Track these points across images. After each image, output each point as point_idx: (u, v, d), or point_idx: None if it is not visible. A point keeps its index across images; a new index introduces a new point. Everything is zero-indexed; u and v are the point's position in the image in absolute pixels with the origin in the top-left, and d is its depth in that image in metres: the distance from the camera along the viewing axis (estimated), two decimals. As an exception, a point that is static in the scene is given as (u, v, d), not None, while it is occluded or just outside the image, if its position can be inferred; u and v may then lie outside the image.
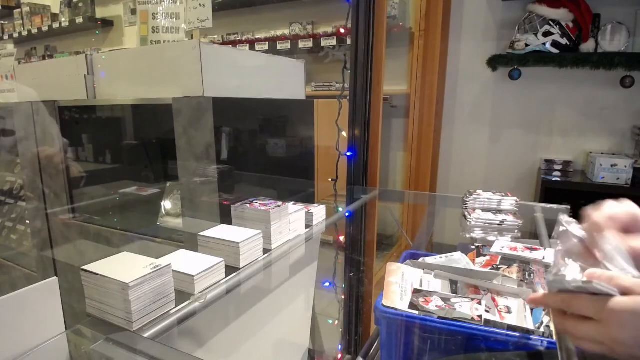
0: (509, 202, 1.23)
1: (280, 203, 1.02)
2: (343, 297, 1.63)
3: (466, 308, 0.77)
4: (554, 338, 0.63)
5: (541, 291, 0.85)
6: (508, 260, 0.93)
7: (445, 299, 0.80)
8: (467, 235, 1.14)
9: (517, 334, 0.70)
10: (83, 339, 0.65)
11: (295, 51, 3.05)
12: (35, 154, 1.49)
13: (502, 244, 0.98)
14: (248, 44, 3.26)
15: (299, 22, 3.22)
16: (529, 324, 0.76)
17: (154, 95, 1.20)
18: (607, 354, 0.45)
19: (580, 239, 0.53)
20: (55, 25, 4.39)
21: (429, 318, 0.75)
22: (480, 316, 0.74)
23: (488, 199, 1.24)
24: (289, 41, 3.05)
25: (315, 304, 1.46)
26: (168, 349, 0.62)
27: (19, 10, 4.66)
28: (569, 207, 1.30)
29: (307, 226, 1.13)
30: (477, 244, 1.04)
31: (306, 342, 1.43)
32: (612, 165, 2.19)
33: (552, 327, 0.72)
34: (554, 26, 2.32)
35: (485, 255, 0.98)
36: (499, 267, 0.92)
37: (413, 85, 2.69)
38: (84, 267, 0.68)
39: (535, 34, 2.36)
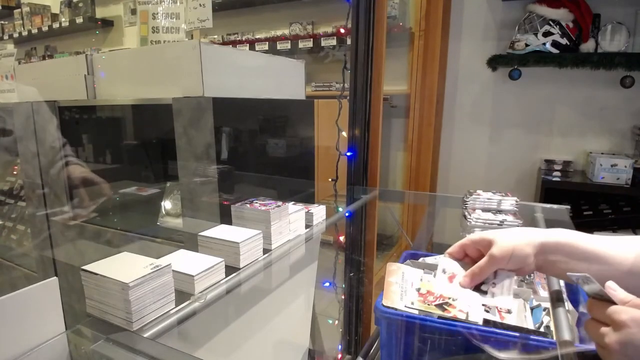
0: (509, 202, 1.23)
1: (280, 203, 1.02)
2: (343, 297, 1.63)
3: (466, 308, 0.76)
4: (554, 338, 0.63)
5: (541, 291, 0.85)
6: (508, 260, 0.93)
7: (445, 299, 0.80)
8: (467, 235, 1.14)
9: (517, 334, 0.70)
10: (83, 339, 0.65)
11: (295, 51, 3.05)
12: (35, 154, 1.49)
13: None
14: (248, 44, 3.26)
15: (299, 22, 3.22)
16: (529, 324, 0.75)
17: (154, 95, 1.20)
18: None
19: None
20: (55, 25, 4.39)
21: (429, 318, 0.75)
22: (480, 316, 0.74)
23: (488, 199, 1.24)
24: (289, 41, 3.05)
25: (315, 304, 1.46)
26: (168, 349, 0.62)
27: (19, 10, 4.66)
28: (569, 207, 1.30)
29: (307, 226, 1.13)
30: (477, 244, 1.04)
31: (306, 342, 1.43)
32: (612, 165, 2.19)
33: (552, 327, 0.72)
34: (554, 26, 2.32)
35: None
36: (499, 267, 0.92)
37: (413, 85, 2.69)
38: (84, 267, 0.68)
39: (535, 34, 2.36)
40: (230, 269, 0.85)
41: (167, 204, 1.42)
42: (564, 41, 2.32)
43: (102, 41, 4.48)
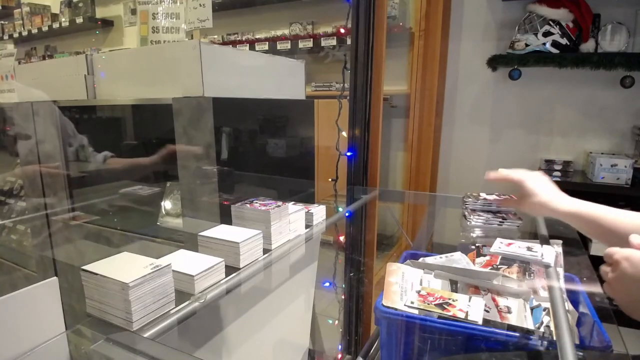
0: (509, 202, 1.22)
1: (280, 203, 1.02)
2: (343, 297, 1.63)
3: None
4: (554, 338, 0.63)
5: (541, 291, 0.85)
6: (508, 260, 0.93)
7: (445, 299, 0.79)
8: (467, 235, 1.14)
9: (517, 334, 0.70)
10: (83, 339, 0.65)
11: (295, 51, 3.05)
12: (35, 154, 1.49)
13: (502, 244, 0.98)
14: (248, 44, 3.26)
15: (299, 22, 3.22)
16: (529, 324, 0.76)
17: (154, 95, 1.20)
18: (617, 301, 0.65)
19: None
20: (55, 25, 4.39)
21: (429, 318, 0.75)
22: (480, 316, 0.74)
23: (488, 199, 1.24)
24: (289, 41, 3.05)
25: (315, 304, 1.46)
26: (168, 349, 0.62)
27: (19, 10, 4.66)
28: (569, 207, 1.30)
29: (307, 226, 1.13)
30: (477, 244, 1.04)
31: (306, 342, 1.43)
32: (612, 165, 2.19)
33: (552, 328, 0.72)
34: (554, 26, 2.32)
35: (485, 255, 0.98)
36: (499, 267, 0.92)
37: (413, 85, 2.68)
38: (84, 267, 0.68)
39: (535, 34, 2.36)
40: (230, 269, 0.85)
41: (167, 204, 1.42)
42: (564, 41, 2.32)
43: (102, 41, 4.48)
